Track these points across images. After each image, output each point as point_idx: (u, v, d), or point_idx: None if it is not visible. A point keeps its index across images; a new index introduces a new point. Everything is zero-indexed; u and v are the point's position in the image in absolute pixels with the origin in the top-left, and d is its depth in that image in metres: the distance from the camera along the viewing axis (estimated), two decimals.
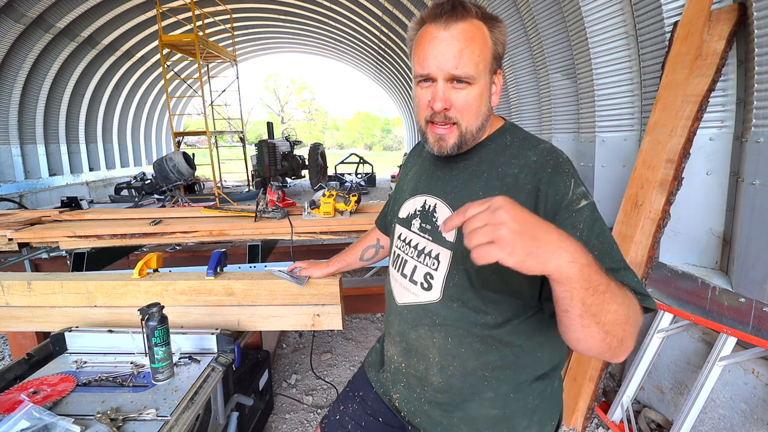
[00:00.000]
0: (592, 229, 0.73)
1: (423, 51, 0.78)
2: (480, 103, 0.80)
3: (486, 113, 0.83)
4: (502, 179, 0.81)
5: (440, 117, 0.80)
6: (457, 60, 0.75)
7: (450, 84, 0.78)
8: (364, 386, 1.12)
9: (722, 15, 2.02)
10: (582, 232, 0.72)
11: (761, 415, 1.66)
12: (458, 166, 0.88)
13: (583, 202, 0.74)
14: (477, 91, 0.79)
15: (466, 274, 0.81)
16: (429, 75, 0.78)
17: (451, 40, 0.76)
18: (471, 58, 0.76)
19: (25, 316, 1.52)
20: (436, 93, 0.78)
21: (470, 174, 0.86)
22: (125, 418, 1.02)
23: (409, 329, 0.92)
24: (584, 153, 3.30)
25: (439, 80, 0.78)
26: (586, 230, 0.73)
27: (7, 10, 7.69)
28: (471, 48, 0.76)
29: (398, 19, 9.56)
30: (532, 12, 3.83)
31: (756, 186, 1.82)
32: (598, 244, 0.71)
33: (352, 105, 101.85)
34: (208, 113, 9.24)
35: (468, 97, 0.78)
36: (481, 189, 0.82)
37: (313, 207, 2.56)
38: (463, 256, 0.81)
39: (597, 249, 0.71)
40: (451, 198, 0.86)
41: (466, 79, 0.77)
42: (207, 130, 8.87)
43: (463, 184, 0.86)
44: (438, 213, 0.88)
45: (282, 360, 2.87)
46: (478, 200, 0.56)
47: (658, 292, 2.31)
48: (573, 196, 0.74)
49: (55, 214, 2.77)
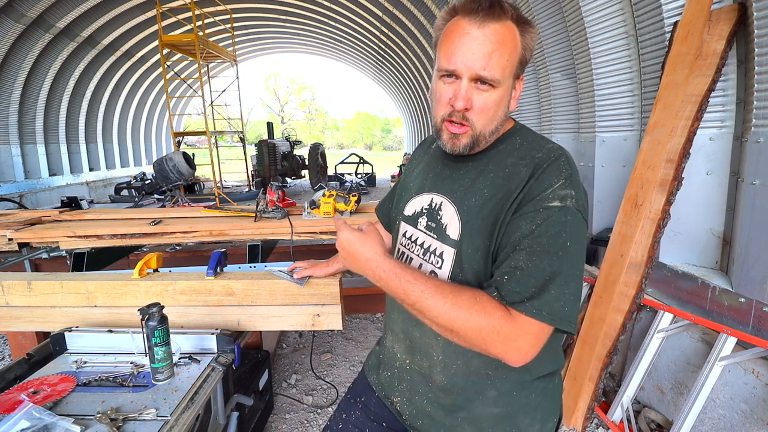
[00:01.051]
0: (548, 228, 0.72)
1: (452, 45, 0.76)
2: (498, 108, 0.79)
3: (502, 118, 0.82)
4: (507, 178, 0.80)
5: (458, 116, 0.79)
6: (486, 61, 0.74)
7: (474, 84, 0.76)
8: (366, 391, 1.10)
9: (722, 15, 2.02)
10: (539, 227, 0.72)
11: (761, 415, 1.66)
12: (467, 165, 0.88)
13: (555, 202, 0.73)
14: (498, 95, 0.78)
15: (471, 272, 0.82)
16: (455, 71, 0.76)
17: (483, 39, 0.74)
18: (500, 62, 0.75)
19: (25, 316, 1.52)
20: (458, 91, 0.77)
21: (477, 173, 0.85)
22: (125, 418, 1.02)
23: (412, 327, 0.92)
24: (584, 153, 3.30)
25: (464, 79, 0.76)
26: (543, 227, 0.72)
27: (7, 10, 7.69)
28: (501, 51, 0.74)
29: (398, 19, 9.56)
30: (533, 12, 3.83)
31: (756, 186, 1.82)
32: (545, 243, 0.71)
33: (352, 105, 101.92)
34: (208, 113, 9.24)
35: (488, 101, 0.77)
36: (486, 188, 0.82)
37: (313, 207, 2.56)
38: (467, 254, 0.81)
39: (540, 246, 0.71)
40: (456, 197, 0.86)
41: (491, 82, 0.76)
42: (207, 130, 8.87)
43: (469, 183, 0.85)
44: (443, 211, 0.88)
45: (282, 360, 2.87)
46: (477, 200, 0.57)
47: (658, 292, 2.31)
48: (549, 193, 0.74)
49: (55, 214, 2.77)
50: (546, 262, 0.71)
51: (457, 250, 0.83)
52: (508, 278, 0.72)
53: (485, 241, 0.79)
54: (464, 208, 0.84)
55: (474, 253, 0.80)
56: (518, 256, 0.72)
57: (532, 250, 0.72)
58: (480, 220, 0.81)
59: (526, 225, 0.73)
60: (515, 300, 0.70)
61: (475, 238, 0.80)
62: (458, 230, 0.83)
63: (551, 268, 0.71)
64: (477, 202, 0.82)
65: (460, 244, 0.82)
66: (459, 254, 0.83)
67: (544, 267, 0.71)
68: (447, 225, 0.86)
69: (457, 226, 0.84)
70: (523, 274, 0.71)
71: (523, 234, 0.73)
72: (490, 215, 0.79)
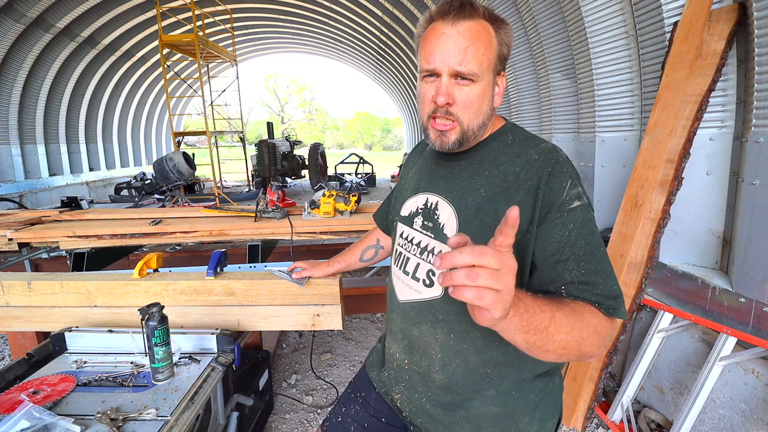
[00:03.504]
0: (581, 230, 0.75)
1: (429, 46, 0.79)
2: (482, 102, 0.81)
3: (488, 112, 0.84)
4: (503, 177, 0.82)
5: (442, 112, 0.81)
6: (462, 56, 0.77)
7: (454, 80, 0.79)
8: (366, 387, 1.12)
9: (722, 15, 2.02)
10: (571, 232, 0.75)
11: (761, 415, 1.66)
12: (460, 164, 0.89)
13: (576, 203, 0.76)
14: (479, 89, 0.80)
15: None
16: (434, 70, 0.79)
17: (457, 36, 0.77)
18: (475, 56, 0.77)
19: (25, 316, 1.52)
20: (439, 87, 0.79)
21: (472, 172, 0.87)
22: (125, 418, 1.02)
23: (411, 326, 0.93)
24: (584, 153, 3.30)
25: (443, 75, 0.79)
26: (576, 231, 0.75)
27: (7, 10, 7.68)
28: (476, 46, 0.77)
29: (398, 19, 9.56)
30: (532, 12, 3.83)
31: (756, 186, 1.82)
32: (584, 246, 0.75)
33: (352, 105, 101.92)
34: (208, 113, 9.24)
35: (470, 95, 0.80)
36: (483, 187, 0.84)
37: (313, 207, 2.56)
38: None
39: (582, 250, 0.74)
40: (452, 196, 0.87)
41: (470, 76, 0.78)
42: (207, 130, 8.87)
43: (465, 182, 0.87)
44: (439, 211, 0.89)
45: (282, 360, 2.87)
46: (478, 245, 0.52)
47: (658, 292, 2.31)
48: (567, 196, 0.76)
49: (55, 214, 2.77)
50: (594, 263, 0.74)
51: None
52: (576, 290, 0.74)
53: (484, 242, 0.79)
54: (461, 207, 0.85)
55: None
56: (569, 266, 0.74)
57: (576, 257, 0.74)
58: (478, 221, 0.82)
59: (559, 233, 0.75)
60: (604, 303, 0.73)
61: (473, 238, 0.80)
62: (455, 229, 0.84)
63: (600, 266, 0.74)
64: (474, 202, 0.83)
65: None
66: None
67: (594, 268, 0.74)
68: (444, 224, 0.87)
69: (454, 225, 0.85)
70: (584, 282, 0.74)
71: (561, 243, 0.75)
72: (488, 216, 0.81)
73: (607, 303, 0.73)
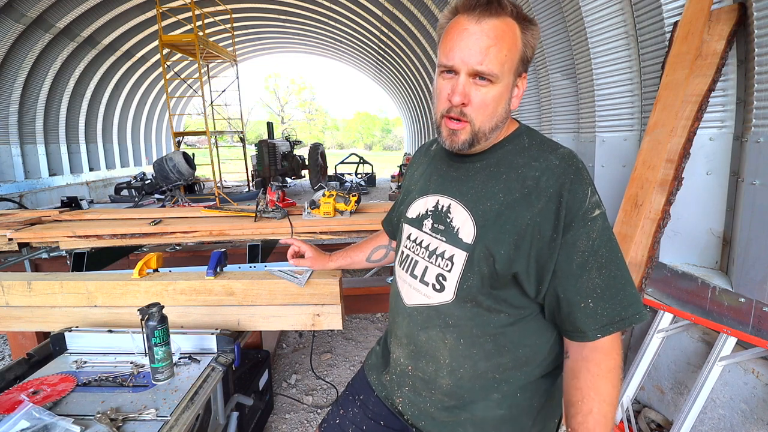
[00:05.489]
0: (602, 238, 0.76)
1: (450, 41, 0.76)
2: (497, 104, 0.78)
3: (502, 115, 0.81)
4: (522, 182, 0.79)
5: (456, 112, 0.78)
6: (483, 56, 0.74)
7: (472, 79, 0.76)
8: (365, 389, 1.10)
9: (722, 15, 2.02)
10: (594, 241, 0.76)
11: (761, 415, 1.66)
12: (474, 166, 0.86)
13: (596, 211, 0.76)
14: (497, 91, 0.77)
15: (480, 276, 0.80)
16: (452, 67, 0.76)
17: (480, 34, 0.74)
18: (497, 57, 0.74)
19: (25, 316, 1.52)
20: (456, 86, 0.77)
21: (488, 175, 0.84)
22: (125, 418, 1.02)
23: (418, 331, 0.90)
24: (584, 153, 3.30)
25: (461, 74, 0.76)
26: (598, 239, 0.76)
27: (7, 10, 7.69)
28: (499, 46, 0.74)
29: (398, 19, 9.56)
30: (533, 12, 3.83)
31: (756, 186, 1.82)
32: (606, 253, 0.76)
33: (352, 105, 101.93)
34: (208, 113, 9.23)
35: (486, 96, 0.77)
36: (501, 191, 0.81)
37: (313, 207, 2.56)
38: (479, 258, 0.80)
39: (604, 257, 0.76)
40: (467, 199, 0.85)
41: (489, 77, 0.75)
42: (207, 130, 8.87)
43: (481, 185, 0.84)
44: (453, 214, 0.86)
45: (282, 360, 2.87)
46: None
47: (658, 292, 2.31)
48: (589, 204, 0.76)
49: (55, 214, 2.77)
50: (614, 269, 0.76)
51: (469, 254, 0.81)
52: (593, 302, 0.76)
53: (502, 248, 0.78)
54: (479, 212, 0.82)
55: (486, 257, 0.79)
56: (592, 274, 0.76)
57: (600, 265, 0.76)
58: (498, 227, 0.79)
59: (584, 243, 0.76)
60: (606, 323, 0.76)
61: (490, 243, 0.79)
62: (473, 234, 0.81)
63: (619, 272, 0.77)
64: (493, 207, 0.81)
65: (474, 248, 0.81)
66: (471, 258, 0.81)
67: (614, 274, 0.76)
68: (459, 228, 0.84)
69: (471, 230, 0.82)
70: (604, 292, 0.76)
71: (586, 253, 0.76)
72: (507, 222, 0.78)
73: (632, 318, 0.76)
